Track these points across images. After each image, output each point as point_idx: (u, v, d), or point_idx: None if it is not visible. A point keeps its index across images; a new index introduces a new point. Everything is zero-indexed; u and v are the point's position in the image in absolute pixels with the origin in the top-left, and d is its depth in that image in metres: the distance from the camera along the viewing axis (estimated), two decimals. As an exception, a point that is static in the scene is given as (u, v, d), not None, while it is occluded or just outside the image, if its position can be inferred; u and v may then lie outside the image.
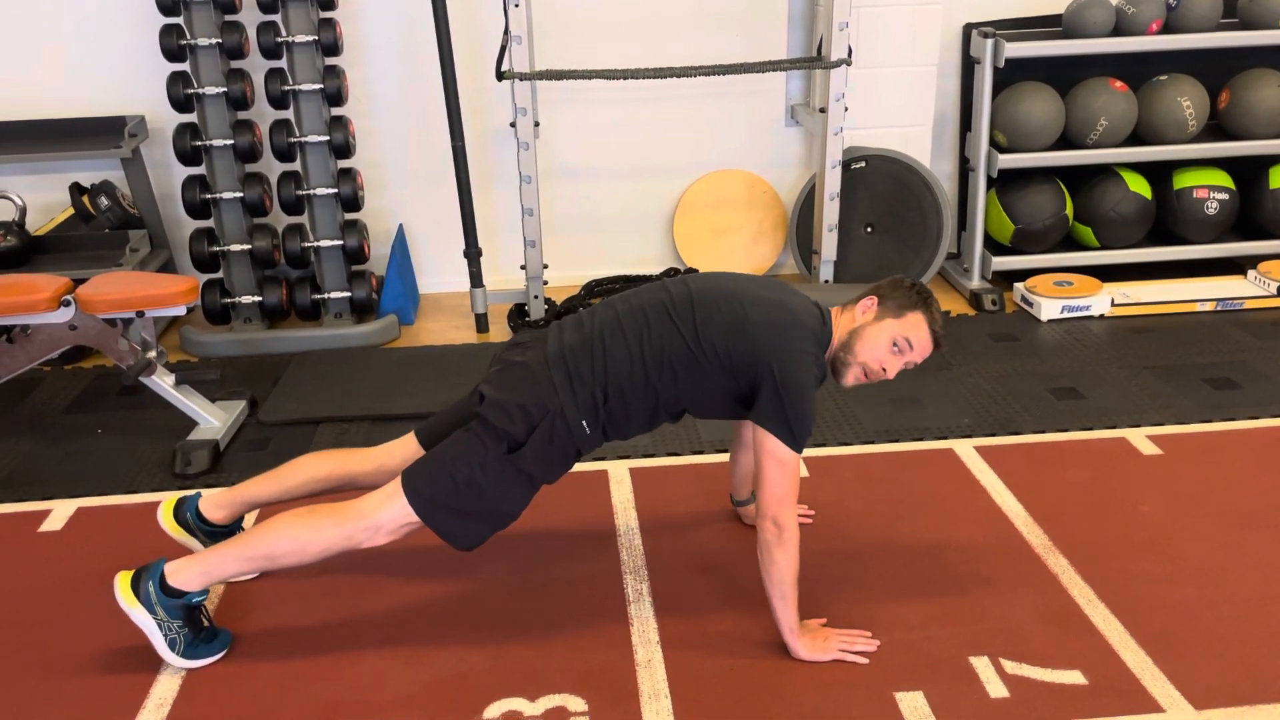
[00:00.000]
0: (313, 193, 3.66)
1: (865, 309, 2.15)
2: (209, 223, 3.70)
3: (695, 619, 2.24)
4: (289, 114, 3.65)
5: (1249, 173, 4.00)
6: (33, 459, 3.00)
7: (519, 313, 3.89)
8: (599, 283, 4.14)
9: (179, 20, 3.53)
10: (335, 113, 3.67)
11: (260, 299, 3.74)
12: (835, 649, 2.10)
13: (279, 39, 3.54)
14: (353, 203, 3.71)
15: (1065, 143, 3.90)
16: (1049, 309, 3.75)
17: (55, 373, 3.53)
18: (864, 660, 2.10)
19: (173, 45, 3.50)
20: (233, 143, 3.59)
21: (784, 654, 2.11)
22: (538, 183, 3.68)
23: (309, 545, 2.06)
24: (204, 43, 3.51)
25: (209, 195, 3.63)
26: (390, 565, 2.39)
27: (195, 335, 3.71)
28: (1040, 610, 2.24)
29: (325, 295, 3.78)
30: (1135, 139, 3.89)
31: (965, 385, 3.28)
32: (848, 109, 3.71)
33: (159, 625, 2.07)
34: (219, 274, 3.75)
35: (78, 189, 3.80)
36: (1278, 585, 2.30)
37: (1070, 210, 3.96)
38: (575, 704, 2.02)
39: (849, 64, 3.62)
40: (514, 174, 3.70)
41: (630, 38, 3.92)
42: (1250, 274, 3.93)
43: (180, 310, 2.93)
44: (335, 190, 3.67)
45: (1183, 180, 3.94)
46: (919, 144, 4.07)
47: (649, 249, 4.27)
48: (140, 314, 2.87)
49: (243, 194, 3.64)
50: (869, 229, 3.98)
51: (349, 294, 3.78)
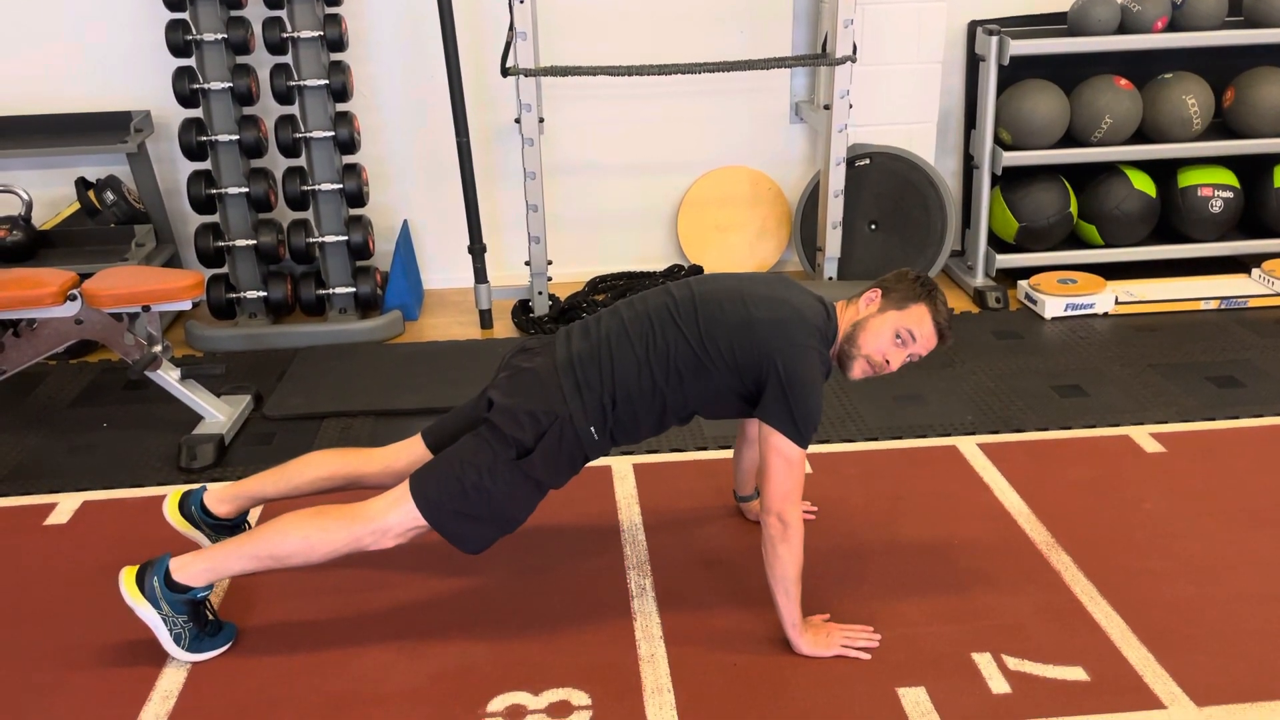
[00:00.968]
0: (318, 188, 3.67)
1: (869, 301, 2.16)
2: (214, 218, 3.71)
3: (698, 614, 2.24)
4: (294, 109, 3.66)
5: (1254, 171, 4.00)
6: (38, 453, 3.01)
7: (523, 309, 3.90)
8: (603, 279, 4.15)
9: (184, 15, 3.53)
10: (340, 108, 3.68)
11: (265, 294, 3.75)
12: (838, 644, 2.11)
13: (284, 34, 3.55)
14: (357, 198, 3.72)
15: (1070, 140, 3.89)
16: (1053, 307, 3.75)
17: (61, 367, 3.54)
18: (866, 656, 2.10)
19: (178, 40, 3.51)
20: (238, 138, 3.60)
21: (786, 649, 2.11)
22: (542, 179, 3.68)
23: (317, 546, 2.07)
24: (209, 38, 3.52)
25: (214, 190, 3.64)
26: (394, 560, 2.40)
27: (200, 330, 3.72)
28: (1043, 607, 2.25)
29: (330, 291, 3.78)
30: (1140, 137, 3.89)
31: (969, 382, 3.28)
32: (852, 106, 3.71)
33: (164, 620, 2.08)
34: (224, 269, 3.76)
35: (83, 184, 3.81)
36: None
37: (1074, 208, 3.96)
38: (579, 698, 2.02)
39: (854, 61, 3.62)
40: (518, 170, 3.70)
41: (635, 34, 3.92)
42: (1254, 272, 3.92)
43: (185, 305, 2.93)
44: (340, 186, 3.68)
45: (1187, 178, 3.94)
46: (923, 141, 4.07)
47: (653, 245, 4.27)
48: (146, 308, 2.88)
49: (248, 189, 3.64)
50: (873, 226, 3.98)
51: (353, 289, 3.79)
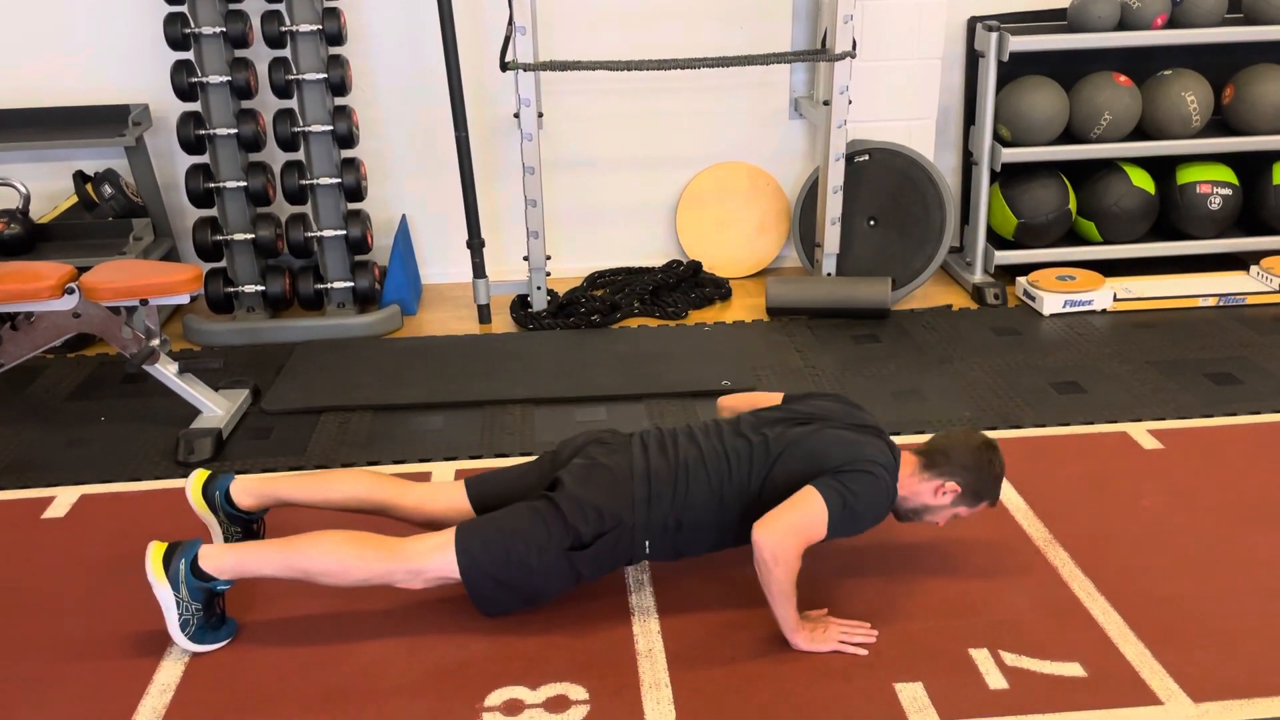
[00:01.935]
0: (316, 182, 3.66)
1: (944, 492, 2.19)
2: (212, 212, 3.71)
3: (696, 609, 2.25)
4: (293, 103, 3.65)
5: (1252, 168, 3.99)
6: (36, 446, 3.00)
7: (522, 304, 3.89)
8: (602, 274, 4.15)
9: (183, 8, 3.52)
10: (339, 102, 3.67)
11: (263, 288, 3.74)
12: (835, 640, 2.11)
13: (283, 28, 3.54)
14: (356, 193, 3.71)
15: (1069, 137, 3.89)
16: (1051, 303, 3.75)
17: (58, 360, 3.53)
18: (863, 651, 2.10)
19: (177, 34, 3.50)
20: (236, 132, 3.59)
21: (784, 645, 2.11)
22: (541, 174, 3.68)
23: (351, 571, 2.09)
24: (208, 31, 3.51)
25: (212, 184, 3.63)
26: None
27: (198, 324, 3.71)
28: (1040, 603, 2.25)
29: (328, 285, 3.78)
30: (1139, 134, 3.89)
31: (967, 379, 3.28)
32: (851, 102, 3.70)
33: (178, 603, 2.08)
34: (222, 263, 3.75)
35: (81, 177, 3.80)
36: (1277, 579, 2.31)
37: (1073, 205, 3.96)
38: (576, 692, 2.03)
39: (853, 56, 3.61)
40: (517, 165, 3.69)
41: (634, 29, 3.92)
42: (1253, 269, 3.93)
43: (183, 299, 2.93)
44: (338, 180, 3.67)
45: (1186, 175, 3.94)
46: (923, 137, 4.06)
47: (652, 241, 4.27)
48: (144, 302, 2.88)
49: (246, 183, 3.64)
50: (872, 222, 3.98)
51: (352, 284, 3.78)
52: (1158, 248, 3.99)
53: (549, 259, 3.84)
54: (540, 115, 3.78)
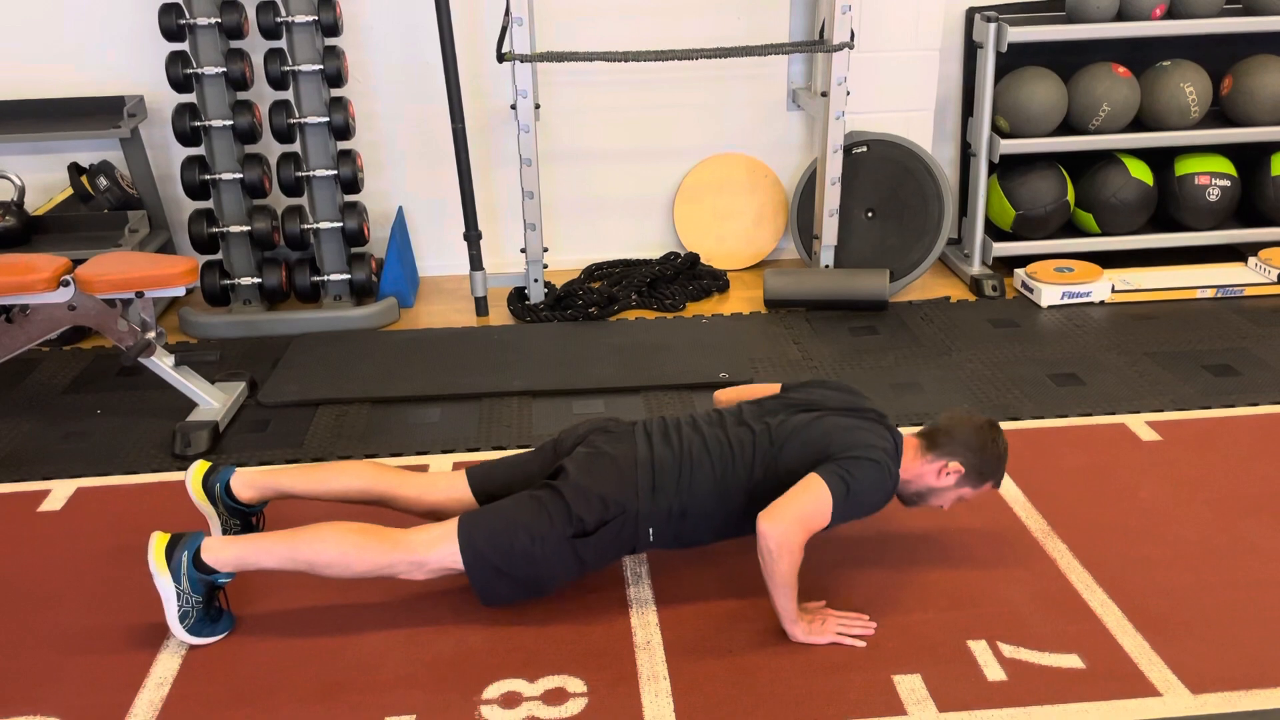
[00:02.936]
0: (312, 174, 3.65)
1: (948, 473, 2.18)
2: (208, 204, 3.69)
3: (694, 602, 2.24)
4: (288, 95, 3.64)
5: (1251, 159, 3.99)
6: (32, 439, 3.00)
7: (519, 296, 3.89)
8: (599, 266, 4.14)
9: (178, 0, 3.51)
10: (335, 94, 3.66)
11: (259, 281, 3.73)
12: (833, 632, 2.11)
13: (278, 19, 3.52)
14: (352, 185, 3.70)
15: (1067, 128, 3.89)
16: (1049, 295, 3.75)
17: (54, 353, 3.52)
18: (862, 643, 2.10)
19: (172, 25, 3.48)
20: (232, 123, 3.58)
21: (782, 637, 2.11)
22: (538, 166, 3.67)
23: (353, 563, 2.09)
24: (203, 22, 3.49)
25: (208, 176, 3.62)
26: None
27: (194, 317, 3.70)
28: (1038, 594, 2.25)
29: (324, 277, 3.77)
30: (1137, 125, 3.88)
31: (965, 371, 3.28)
32: (850, 93, 3.69)
33: (178, 595, 2.08)
34: (218, 255, 3.74)
35: (76, 169, 3.78)
36: (1275, 570, 2.31)
37: (1071, 196, 3.95)
38: (574, 685, 2.02)
39: (851, 48, 3.60)
40: (514, 157, 3.68)
41: (631, 20, 3.90)
42: (1251, 261, 3.92)
43: (179, 291, 2.93)
44: (335, 172, 3.66)
45: (1184, 167, 3.93)
46: (921, 129, 4.06)
47: (649, 233, 4.26)
48: (139, 294, 2.87)
49: (242, 175, 3.62)
50: (870, 214, 3.97)
51: (348, 276, 3.77)
52: (1156, 239, 3.99)
53: (546, 251, 3.84)
54: (537, 107, 3.77)
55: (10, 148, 3.82)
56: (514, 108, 3.61)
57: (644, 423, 2.27)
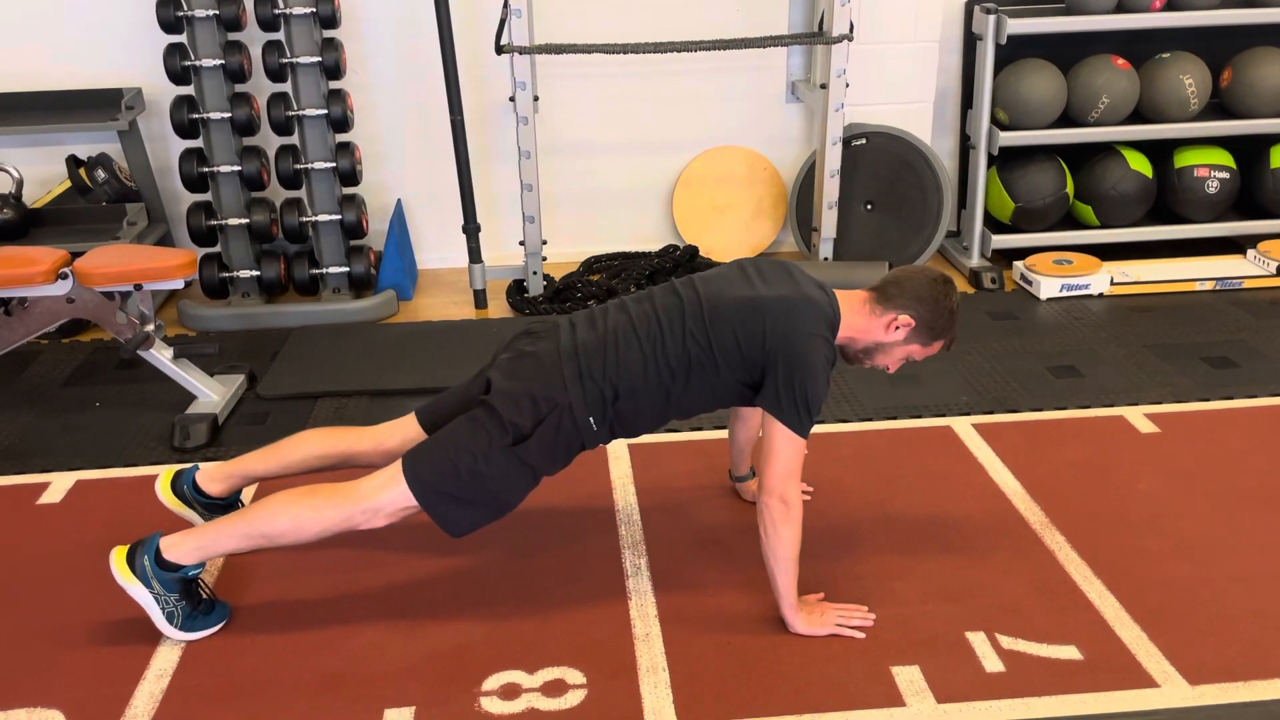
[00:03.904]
0: (311, 167, 3.64)
1: (897, 326, 2.11)
2: (206, 196, 3.69)
3: (693, 593, 2.25)
4: (287, 87, 3.63)
5: (1250, 152, 3.99)
6: (31, 432, 3.00)
7: (518, 289, 3.88)
8: (598, 259, 4.13)
9: (176, -9, 3.51)
10: (333, 86, 3.65)
11: (258, 273, 3.73)
12: (832, 623, 2.11)
13: (276, 11, 3.51)
14: (351, 177, 3.70)
15: (1067, 120, 3.88)
16: (1048, 287, 3.75)
17: (53, 346, 3.52)
18: (860, 635, 2.11)
19: (169, 17, 3.48)
20: (230, 116, 3.57)
21: (781, 628, 2.12)
22: (537, 158, 3.67)
23: (307, 525, 2.07)
24: (201, 14, 3.48)
25: (206, 169, 3.62)
26: (388, 539, 2.39)
27: (193, 309, 3.70)
28: (1036, 586, 2.25)
29: (323, 270, 3.77)
30: (1137, 117, 3.88)
31: (964, 363, 3.28)
32: (849, 85, 3.69)
33: (156, 599, 2.08)
34: (217, 248, 3.74)
35: (75, 162, 3.78)
36: (1273, 562, 2.31)
37: (1071, 188, 3.95)
38: (574, 676, 2.03)
39: (850, 39, 3.60)
40: (513, 149, 3.68)
41: (630, 12, 3.89)
42: (1250, 253, 3.92)
43: (178, 284, 2.92)
44: (333, 164, 3.65)
45: (1184, 159, 3.93)
46: (920, 121, 4.05)
47: (648, 225, 4.26)
48: (138, 287, 2.86)
49: (240, 168, 3.62)
50: (869, 206, 3.97)
51: (347, 269, 3.77)
52: (1155, 231, 3.99)
53: (545, 244, 3.83)
54: (536, 99, 3.77)
55: (8, 140, 3.81)
56: (512, 100, 3.61)
57: (570, 316, 2.20)
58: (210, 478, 2.35)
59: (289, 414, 3.06)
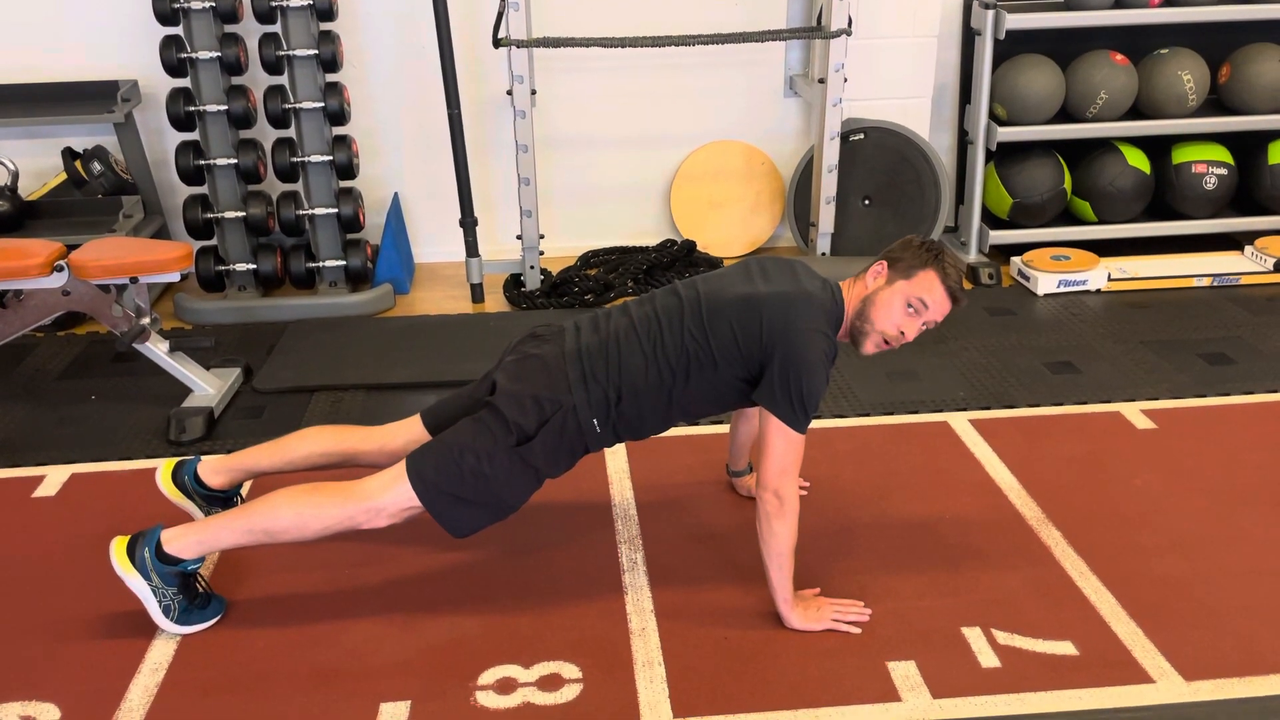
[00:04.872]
0: (307, 160, 3.63)
1: (876, 274, 2.12)
2: (203, 189, 3.68)
3: (689, 588, 2.25)
4: (283, 80, 3.62)
5: (1248, 148, 3.99)
6: (26, 425, 2.99)
7: (515, 283, 3.88)
8: (595, 253, 4.13)
9: (172, -17, 3.49)
10: (330, 79, 3.64)
11: (254, 266, 3.72)
12: (828, 619, 2.11)
13: (273, 3, 3.50)
14: (348, 170, 3.69)
15: (1065, 116, 3.88)
16: (1046, 283, 3.75)
17: (48, 339, 3.51)
18: (857, 630, 2.11)
19: (165, 9, 3.46)
20: (226, 108, 3.56)
21: (777, 623, 2.12)
22: (534, 152, 3.66)
23: (309, 523, 2.07)
24: (197, 6, 3.47)
25: (203, 161, 3.61)
26: (386, 534, 2.37)
27: (189, 302, 3.69)
28: (1032, 582, 2.25)
29: (320, 263, 3.76)
30: (1135, 113, 3.87)
31: (961, 359, 3.28)
32: (847, 80, 3.69)
33: (154, 591, 2.07)
34: (213, 241, 3.73)
35: (70, 154, 3.77)
36: (1269, 558, 2.32)
37: (1068, 184, 3.95)
38: (569, 671, 2.03)
39: (849, 34, 3.59)
40: (510, 143, 3.67)
41: (628, 6, 3.89)
42: (1247, 250, 3.92)
43: (174, 277, 2.91)
44: (330, 158, 3.64)
45: (1182, 155, 3.93)
46: (918, 116, 4.04)
47: (646, 220, 4.25)
48: (134, 280, 2.86)
49: (237, 160, 3.61)
50: (867, 201, 3.96)
51: (344, 262, 3.76)
52: (1153, 228, 3.99)
53: (542, 238, 3.83)
54: (533, 93, 3.76)
55: (4, 132, 3.80)
56: (510, 94, 3.60)
57: (575, 319, 2.21)
58: (212, 470, 2.34)
59: (285, 408, 3.06)
